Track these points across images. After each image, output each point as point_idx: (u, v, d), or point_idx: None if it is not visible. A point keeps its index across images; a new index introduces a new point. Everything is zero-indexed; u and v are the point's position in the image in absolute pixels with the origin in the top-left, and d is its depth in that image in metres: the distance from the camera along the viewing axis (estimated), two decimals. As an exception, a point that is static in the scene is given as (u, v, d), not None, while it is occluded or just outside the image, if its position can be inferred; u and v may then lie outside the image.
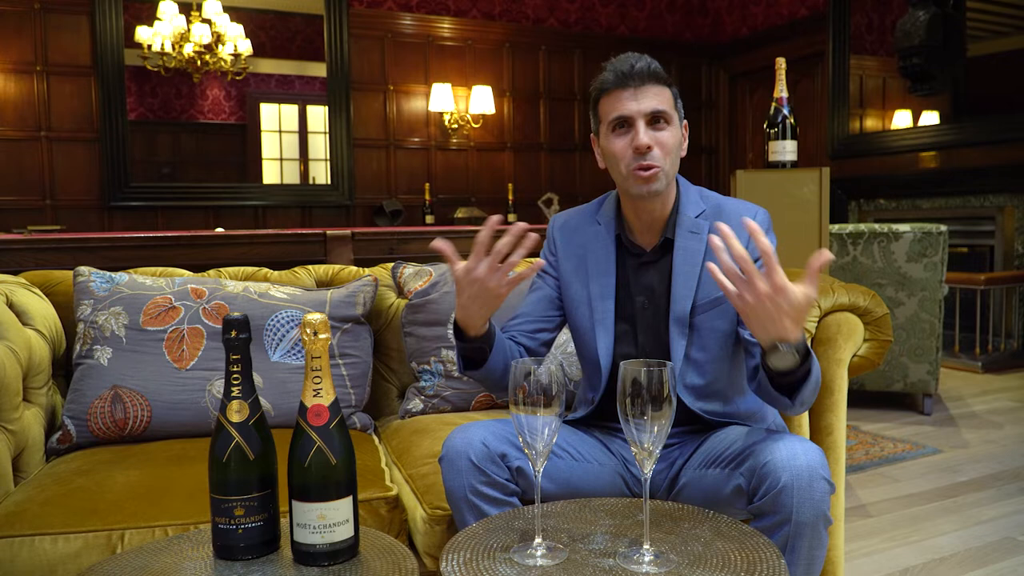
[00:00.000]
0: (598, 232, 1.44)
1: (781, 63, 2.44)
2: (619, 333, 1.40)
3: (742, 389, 1.41)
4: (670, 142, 1.33)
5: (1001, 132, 4.62)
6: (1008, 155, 4.59)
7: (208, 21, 5.02)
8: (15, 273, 1.82)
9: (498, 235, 1.20)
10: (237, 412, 1.03)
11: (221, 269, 1.99)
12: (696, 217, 1.39)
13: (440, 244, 1.17)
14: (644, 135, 1.31)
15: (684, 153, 1.40)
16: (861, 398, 3.69)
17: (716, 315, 1.36)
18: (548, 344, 1.47)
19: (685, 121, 1.40)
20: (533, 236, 1.19)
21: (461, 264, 1.21)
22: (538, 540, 1.04)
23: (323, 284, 2.00)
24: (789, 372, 1.15)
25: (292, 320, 1.75)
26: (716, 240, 1.09)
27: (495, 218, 1.20)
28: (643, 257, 1.41)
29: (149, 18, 4.98)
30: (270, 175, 5.67)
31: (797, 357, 1.13)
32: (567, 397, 1.20)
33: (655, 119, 1.32)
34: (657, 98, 1.32)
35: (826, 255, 1.07)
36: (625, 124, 1.33)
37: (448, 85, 5.87)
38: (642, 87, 1.31)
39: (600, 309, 1.40)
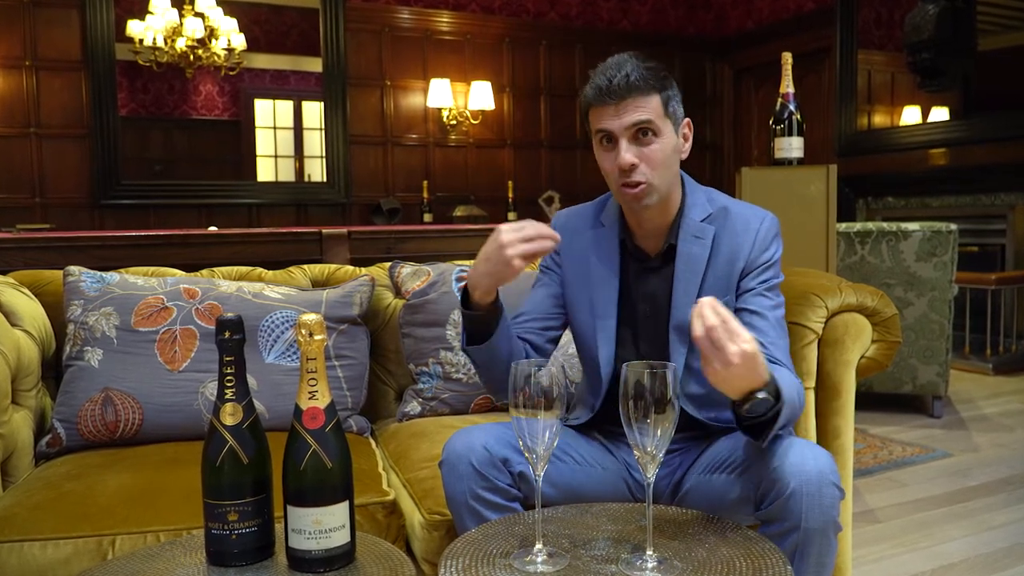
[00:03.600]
0: (602, 235, 1.41)
1: (787, 58, 2.42)
2: (621, 340, 1.38)
3: None
4: (657, 155, 1.27)
5: (1012, 128, 4.58)
6: (1019, 152, 4.55)
7: (201, 15, 4.98)
8: (3, 273, 1.80)
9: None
10: (231, 415, 1.03)
11: (214, 269, 1.97)
12: (702, 221, 1.36)
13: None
14: (627, 152, 1.26)
15: (686, 155, 1.35)
16: (869, 400, 3.65)
17: None
18: (555, 341, 1.44)
19: (687, 119, 1.34)
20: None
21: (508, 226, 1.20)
22: (539, 546, 1.03)
23: (319, 284, 1.98)
24: (762, 412, 1.13)
25: (287, 321, 1.73)
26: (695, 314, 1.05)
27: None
28: (647, 263, 1.39)
29: (141, 12, 4.94)
30: (265, 172, 5.63)
31: (771, 398, 1.11)
32: (567, 398, 1.20)
33: (641, 132, 1.27)
34: (640, 110, 1.25)
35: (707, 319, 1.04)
36: (610, 139, 1.29)
37: (447, 80, 5.83)
38: (623, 101, 1.25)
39: (602, 316, 1.37)
